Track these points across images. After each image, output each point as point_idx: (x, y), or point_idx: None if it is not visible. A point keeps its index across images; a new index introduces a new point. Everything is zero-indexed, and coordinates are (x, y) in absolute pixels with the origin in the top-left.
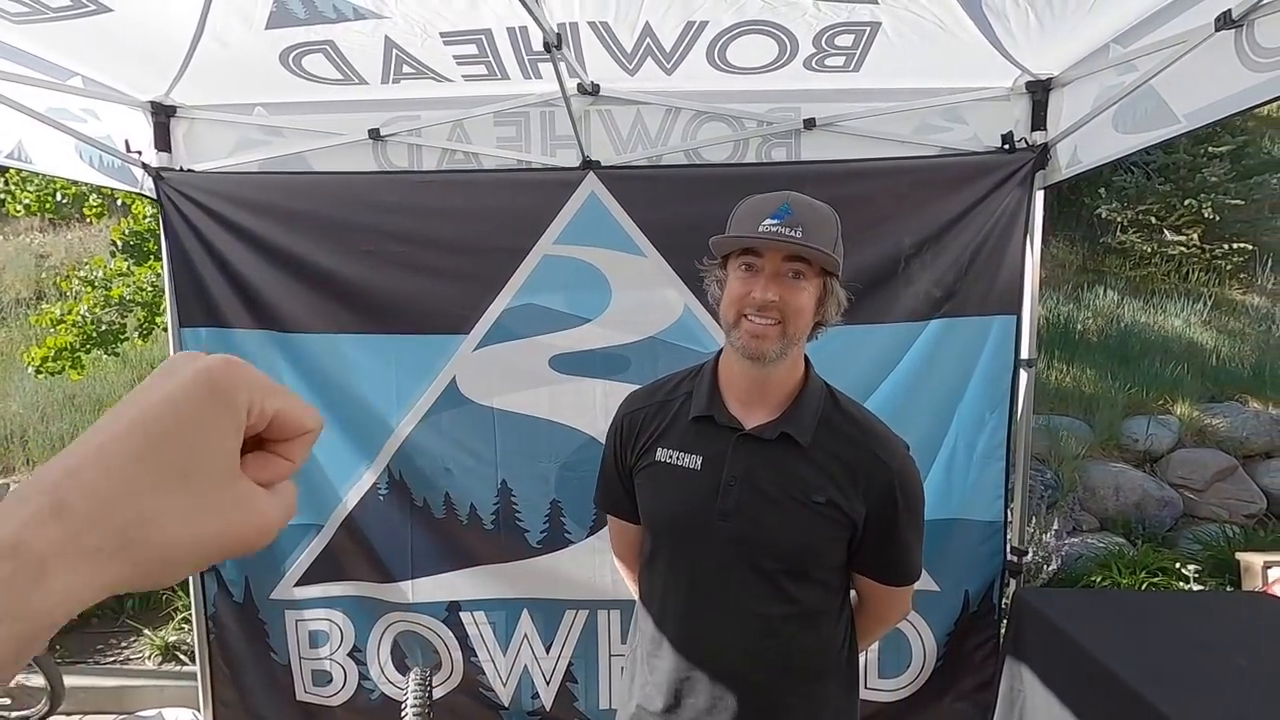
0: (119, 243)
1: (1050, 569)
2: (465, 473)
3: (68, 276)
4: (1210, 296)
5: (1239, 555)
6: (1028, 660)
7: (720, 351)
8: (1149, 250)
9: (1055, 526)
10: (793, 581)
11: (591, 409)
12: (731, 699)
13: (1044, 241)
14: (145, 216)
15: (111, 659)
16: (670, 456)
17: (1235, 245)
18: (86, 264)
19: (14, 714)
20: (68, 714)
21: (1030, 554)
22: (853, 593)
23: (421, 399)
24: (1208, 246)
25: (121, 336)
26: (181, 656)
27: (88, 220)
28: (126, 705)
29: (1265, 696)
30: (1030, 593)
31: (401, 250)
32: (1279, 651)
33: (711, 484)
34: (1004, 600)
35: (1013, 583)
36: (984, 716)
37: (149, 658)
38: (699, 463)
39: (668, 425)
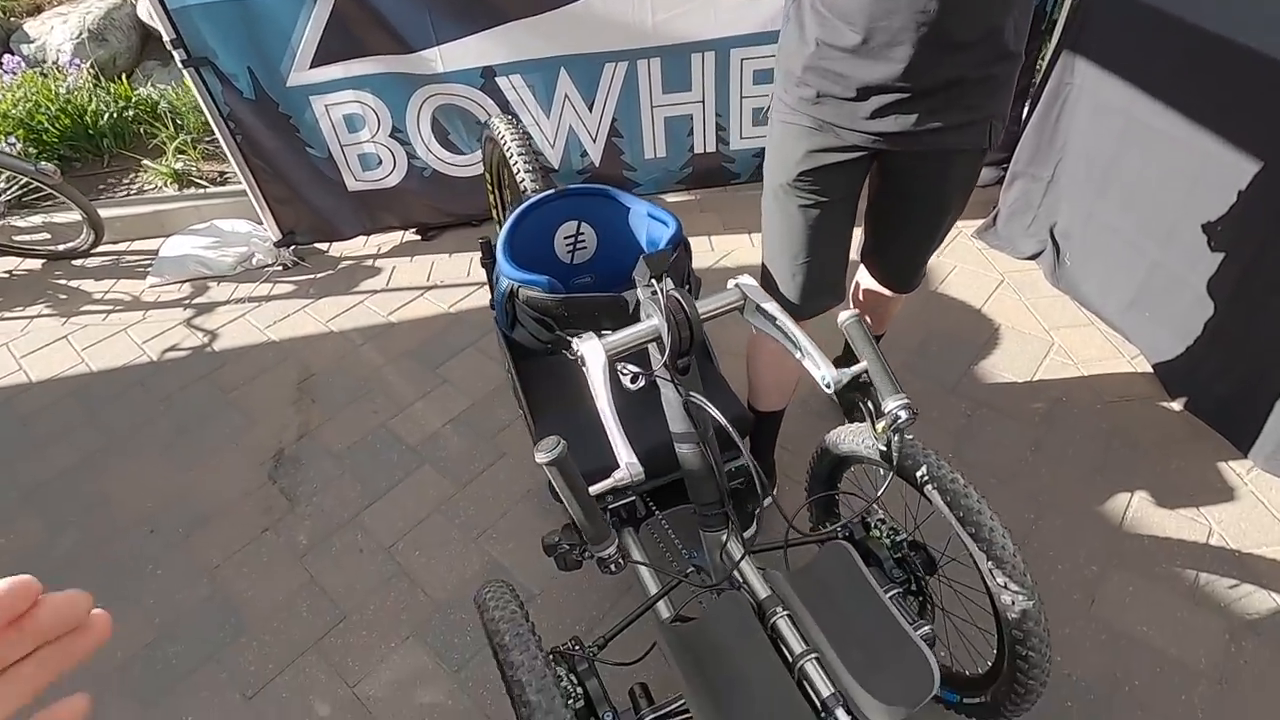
0: None
1: None
2: None
3: None
4: None
5: None
6: (1086, 51)
7: None
8: None
9: None
10: None
11: None
12: (922, 35)
13: None
14: None
15: (123, 194)
16: None
17: None
18: None
19: (61, 246)
20: (114, 243)
21: None
22: None
23: None
24: None
25: None
26: (199, 180)
27: None
28: (169, 228)
29: None
30: None
31: None
32: None
33: None
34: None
35: None
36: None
37: (165, 187)
38: None
39: None
